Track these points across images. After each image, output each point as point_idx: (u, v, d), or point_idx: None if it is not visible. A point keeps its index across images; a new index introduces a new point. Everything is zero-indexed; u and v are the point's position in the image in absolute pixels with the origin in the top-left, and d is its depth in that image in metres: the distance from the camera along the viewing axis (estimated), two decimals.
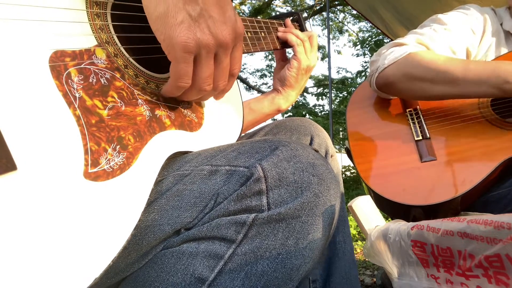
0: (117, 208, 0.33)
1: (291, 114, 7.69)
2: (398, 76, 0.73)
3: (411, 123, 0.76)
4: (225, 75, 0.41)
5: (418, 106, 0.78)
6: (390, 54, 0.75)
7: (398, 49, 0.76)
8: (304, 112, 7.49)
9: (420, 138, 0.73)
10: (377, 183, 0.71)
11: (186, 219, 0.37)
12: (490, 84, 0.64)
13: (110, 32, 0.40)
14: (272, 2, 6.76)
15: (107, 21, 0.40)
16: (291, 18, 0.76)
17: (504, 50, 0.78)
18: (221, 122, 0.49)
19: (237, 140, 0.50)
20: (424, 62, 0.71)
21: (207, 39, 0.36)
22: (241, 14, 6.45)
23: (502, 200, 0.64)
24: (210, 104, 0.49)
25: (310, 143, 0.58)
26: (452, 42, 0.77)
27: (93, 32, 0.38)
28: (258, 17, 0.67)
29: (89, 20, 0.38)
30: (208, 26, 0.36)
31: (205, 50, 0.37)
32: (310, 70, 0.71)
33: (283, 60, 0.74)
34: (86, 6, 0.38)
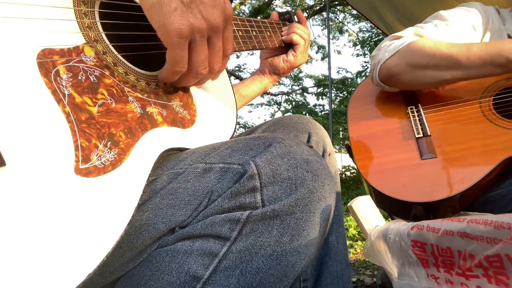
0: (110, 204, 0.33)
1: (291, 112, 7.71)
2: (401, 65, 0.73)
3: (412, 120, 0.76)
4: (219, 57, 0.42)
5: (419, 104, 0.78)
6: (390, 46, 0.75)
7: (397, 40, 0.75)
8: (304, 112, 7.51)
9: (421, 135, 0.72)
10: (377, 180, 0.70)
11: (181, 217, 0.37)
12: (495, 64, 0.64)
13: (99, 30, 0.40)
14: (272, 2, 6.77)
15: (95, 19, 0.40)
16: (283, 17, 0.76)
17: None
18: (214, 119, 0.49)
19: (234, 137, 0.50)
20: (426, 49, 0.70)
21: (200, 23, 0.37)
22: (241, 14, 6.46)
23: (501, 199, 0.64)
24: (202, 101, 0.49)
25: (308, 141, 0.58)
26: (452, 37, 0.77)
27: (81, 30, 0.38)
28: (258, 18, 0.68)
29: (76, 18, 0.38)
30: (200, 11, 0.37)
31: (199, 34, 0.38)
32: (300, 66, 0.76)
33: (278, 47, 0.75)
34: (74, 5, 0.38)
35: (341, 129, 7.25)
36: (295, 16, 0.79)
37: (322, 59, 8.50)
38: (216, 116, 0.49)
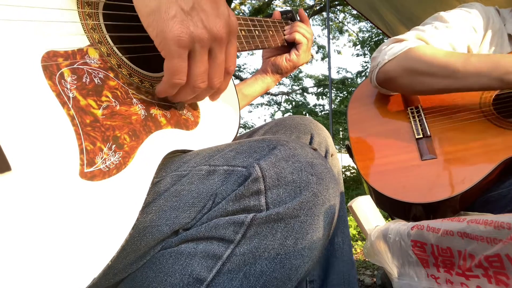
0: (115, 208, 0.33)
1: (291, 112, 7.70)
2: (399, 71, 0.73)
3: (412, 121, 0.76)
4: (221, 72, 0.39)
5: (419, 104, 0.78)
6: (390, 50, 0.75)
7: (398, 44, 0.75)
8: (304, 112, 7.50)
9: (421, 136, 0.73)
10: (377, 181, 0.70)
11: (184, 219, 0.37)
12: (491, 76, 0.64)
13: (103, 31, 0.40)
14: (272, 2, 6.75)
15: (99, 20, 0.40)
16: (285, 16, 0.76)
17: (506, 50, 0.78)
18: (218, 120, 0.49)
19: (236, 138, 0.50)
20: (425, 56, 0.70)
21: (200, 32, 0.35)
22: (241, 14, 6.44)
23: (502, 199, 0.64)
24: (206, 103, 0.48)
25: (310, 142, 0.58)
26: (453, 39, 0.77)
27: (85, 32, 0.38)
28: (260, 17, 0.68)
29: (80, 20, 0.38)
30: (201, 20, 0.35)
31: (199, 44, 0.35)
32: (302, 65, 0.76)
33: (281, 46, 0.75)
34: (78, 6, 0.38)
35: (341, 129, 7.25)
36: (297, 15, 0.79)
37: (322, 59, 8.49)
38: (219, 117, 0.49)
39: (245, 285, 0.34)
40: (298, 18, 0.79)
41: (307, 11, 6.43)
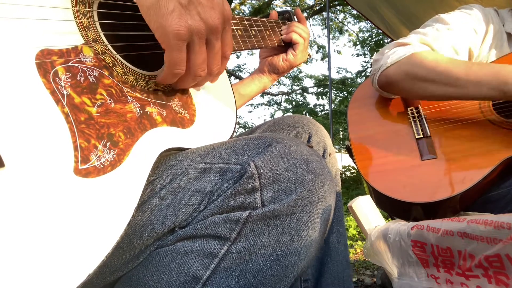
0: (110, 204, 0.33)
1: (291, 112, 7.71)
2: (401, 75, 0.73)
3: (412, 122, 0.76)
4: (218, 59, 0.42)
5: (419, 105, 0.78)
6: (393, 54, 0.75)
7: (401, 48, 0.75)
8: (304, 112, 7.51)
9: (421, 136, 0.72)
10: (377, 180, 0.70)
11: (180, 217, 0.37)
12: (491, 86, 0.64)
13: (97, 30, 0.40)
14: (272, 2, 6.77)
15: (93, 19, 0.40)
16: (282, 16, 0.77)
17: (506, 51, 0.78)
18: (214, 119, 0.49)
19: (234, 137, 0.50)
20: (427, 62, 0.70)
21: (198, 25, 0.37)
22: (241, 14, 6.46)
23: (501, 200, 0.64)
24: (202, 101, 0.49)
25: (308, 141, 0.58)
26: (455, 42, 0.77)
27: (79, 31, 0.38)
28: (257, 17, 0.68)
29: (75, 19, 0.38)
30: (198, 13, 0.37)
31: (197, 36, 0.38)
32: (299, 65, 0.76)
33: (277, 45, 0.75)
34: (72, 5, 0.38)
35: (341, 129, 7.25)
36: (294, 16, 0.79)
37: (322, 59, 8.51)
38: (215, 115, 0.49)
39: (241, 283, 0.34)
40: (295, 19, 0.79)
41: (307, 11, 6.44)
